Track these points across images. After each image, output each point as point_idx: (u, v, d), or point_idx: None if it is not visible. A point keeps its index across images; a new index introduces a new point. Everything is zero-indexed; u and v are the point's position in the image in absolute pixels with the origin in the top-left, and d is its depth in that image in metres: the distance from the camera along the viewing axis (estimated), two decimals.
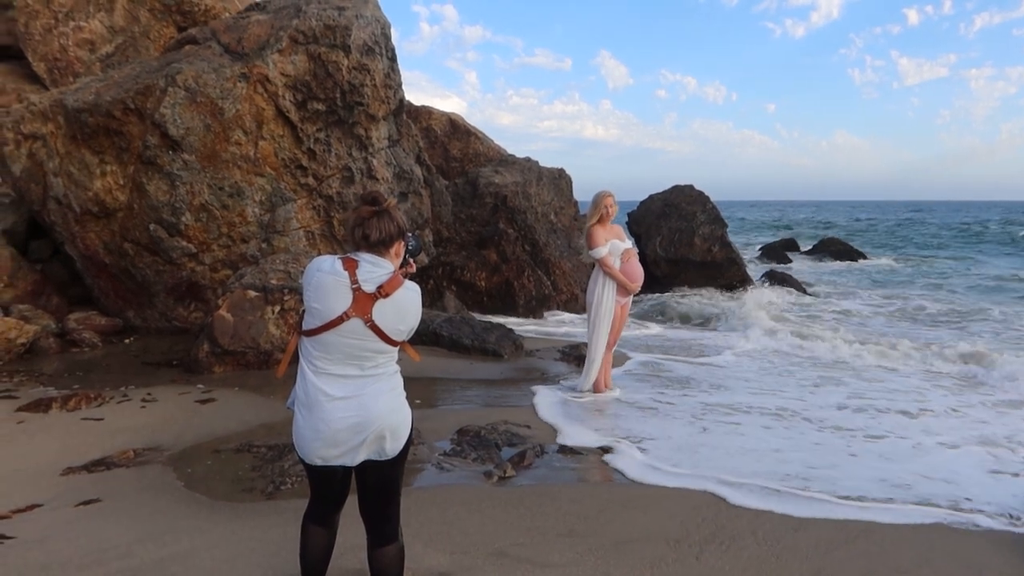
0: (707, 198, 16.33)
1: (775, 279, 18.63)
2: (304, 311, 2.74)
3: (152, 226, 8.82)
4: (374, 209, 2.70)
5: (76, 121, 8.78)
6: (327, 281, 2.65)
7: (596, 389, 6.96)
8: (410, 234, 2.92)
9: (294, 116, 9.03)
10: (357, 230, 2.72)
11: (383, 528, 2.85)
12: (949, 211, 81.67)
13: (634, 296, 7.31)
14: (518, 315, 12.17)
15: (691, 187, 16.61)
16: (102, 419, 5.90)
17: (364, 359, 2.69)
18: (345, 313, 2.62)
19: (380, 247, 2.72)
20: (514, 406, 6.58)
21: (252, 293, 7.62)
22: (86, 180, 8.91)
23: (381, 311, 2.65)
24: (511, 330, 9.60)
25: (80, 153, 8.93)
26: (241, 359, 7.48)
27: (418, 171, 10.63)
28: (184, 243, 8.90)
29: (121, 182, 8.89)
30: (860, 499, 4.55)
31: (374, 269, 2.68)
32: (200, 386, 6.95)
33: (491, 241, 12.61)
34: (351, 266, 2.67)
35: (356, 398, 2.66)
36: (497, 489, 4.60)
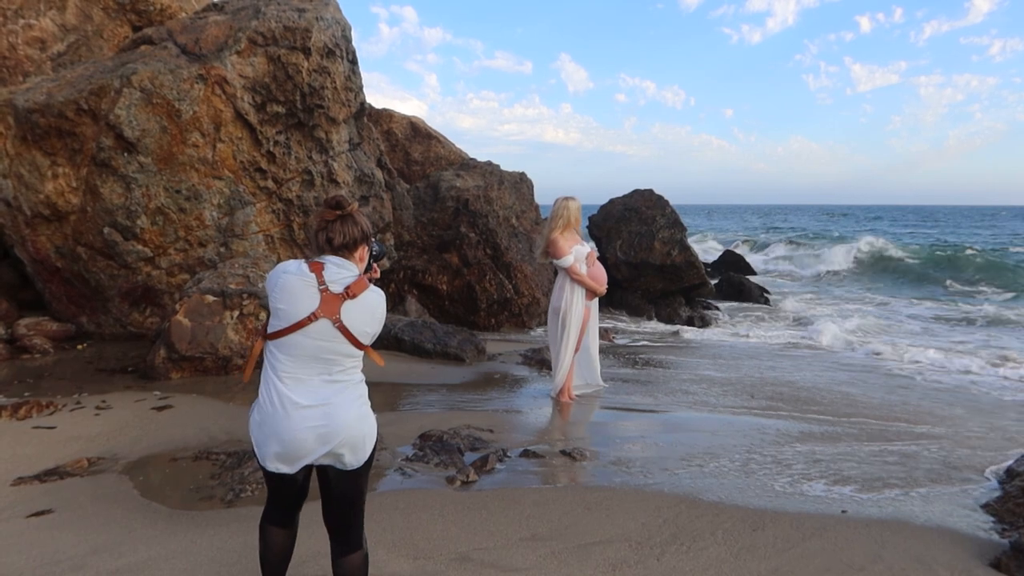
0: (666, 202, 16.50)
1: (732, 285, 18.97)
2: (269, 316, 2.72)
3: (106, 229, 8.64)
4: (337, 213, 2.72)
5: (27, 122, 8.55)
6: (294, 282, 2.65)
7: (562, 396, 6.98)
8: (374, 239, 2.93)
9: (253, 118, 8.92)
10: (320, 234, 2.73)
11: (347, 537, 2.83)
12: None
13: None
14: (480, 319, 12.19)
15: (651, 191, 16.76)
16: (54, 427, 5.76)
17: (331, 363, 2.67)
18: (313, 314, 2.62)
19: (344, 251, 2.73)
20: (477, 410, 6.59)
21: (210, 298, 7.50)
22: (37, 182, 8.69)
23: (349, 312, 2.66)
24: (473, 334, 9.62)
25: (31, 154, 8.70)
26: (199, 365, 7.36)
27: (379, 174, 10.58)
28: (140, 247, 8.73)
29: (74, 184, 8.69)
30: (816, 496, 4.66)
31: (340, 271, 2.70)
32: (157, 393, 6.83)
33: (453, 245, 12.61)
34: (317, 268, 2.68)
35: (323, 407, 2.64)
36: (460, 494, 4.60)
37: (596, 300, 7.15)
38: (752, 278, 21.42)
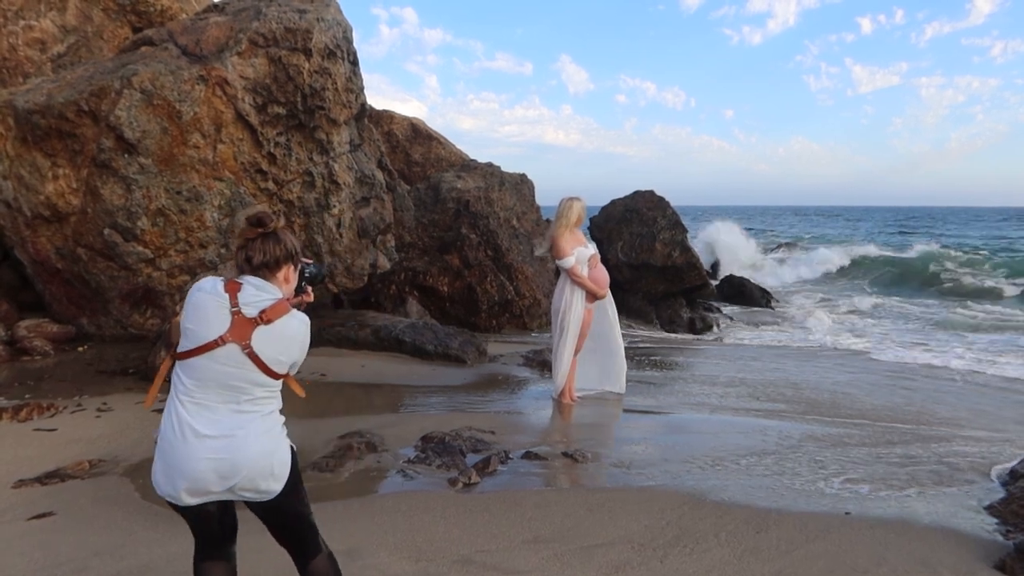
0: (667, 204, 16.51)
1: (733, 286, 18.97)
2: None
3: (107, 231, 8.62)
4: (259, 231, 2.55)
5: (27, 123, 8.54)
6: (205, 301, 2.48)
7: (563, 397, 6.96)
8: (310, 260, 2.79)
9: (254, 119, 8.90)
10: (240, 253, 2.57)
11: (302, 548, 2.69)
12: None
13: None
14: (480, 320, 12.17)
15: (652, 193, 16.78)
16: (55, 429, 5.75)
17: (240, 391, 2.47)
18: (221, 337, 2.43)
19: (264, 270, 2.56)
20: (478, 412, 6.57)
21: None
22: (37, 183, 8.67)
23: (261, 338, 2.46)
24: (474, 335, 9.61)
25: (31, 155, 8.69)
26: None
27: (380, 176, 10.56)
28: (140, 248, 8.71)
29: (74, 185, 8.67)
30: (819, 498, 4.64)
31: (258, 293, 2.51)
32: (158, 395, 6.80)
33: (453, 246, 12.59)
34: (233, 288, 2.50)
35: (227, 439, 2.44)
36: (462, 496, 4.59)
37: (612, 303, 7.11)
38: (752, 280, 21.41)
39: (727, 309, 16.89)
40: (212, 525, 2.64)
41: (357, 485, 4.78)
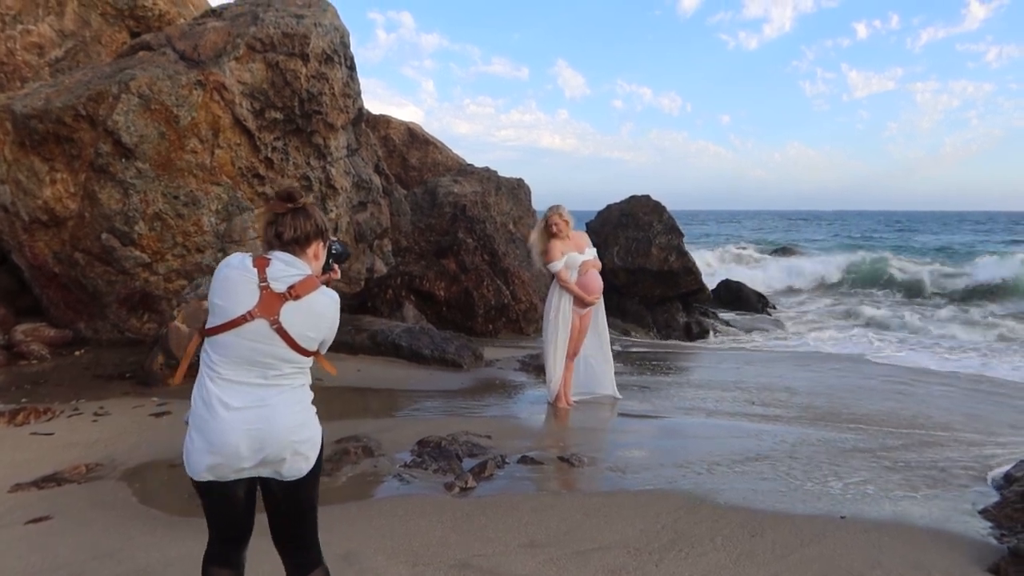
0: (663, 208, 16.56)
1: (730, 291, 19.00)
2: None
3: (104, 235, 8.63)
4: (289, 206, 2.52)
5: (25, 127, 8.55)
6: (233, 276, 2.45)
7: (558, 402, 6.97)
8: (335, 238, 2.78)
9: (251, 124, 8.92)
10: (269, 228, 2.54)
11: (300, 554, 2.59)
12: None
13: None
14: (477, 325, 12.17)
15: (648, 197, 16.82)
16: (52, 434, 5.75)
17: (268, 367, 2.44)
18: (249, 312, 2.40)
19: (294, 246, 2.52)
20: (475, 416, 6.58)
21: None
22: (35, 188, 8.68)
23: (290, 314, 2.43)
24: (471, 340, 9.62)
25: (29, 160, 8.70)
26: (197, 371, 7.32)
27: (377, 180, 10.59)
28: (137, 252, 8.72)
29: (72, 190, 8.68)
30: (814, 501, 4.66)
31: (287, 269, 2.47)
32: (155, 399, 6.82)
33: (450, 251, 12.61)
34: (262, 264, 2.46)
35: (257, 409, 2.41)
36: (458, 500, 4.60)
37: (603, 308, 7.15)
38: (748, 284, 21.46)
39: (723, 314, 16.92)
40: (238, 510, 2.54)
41: (354, 489, 4.79)
